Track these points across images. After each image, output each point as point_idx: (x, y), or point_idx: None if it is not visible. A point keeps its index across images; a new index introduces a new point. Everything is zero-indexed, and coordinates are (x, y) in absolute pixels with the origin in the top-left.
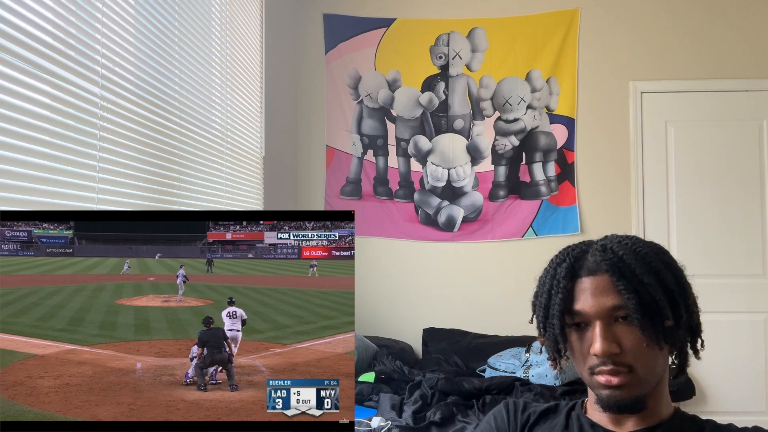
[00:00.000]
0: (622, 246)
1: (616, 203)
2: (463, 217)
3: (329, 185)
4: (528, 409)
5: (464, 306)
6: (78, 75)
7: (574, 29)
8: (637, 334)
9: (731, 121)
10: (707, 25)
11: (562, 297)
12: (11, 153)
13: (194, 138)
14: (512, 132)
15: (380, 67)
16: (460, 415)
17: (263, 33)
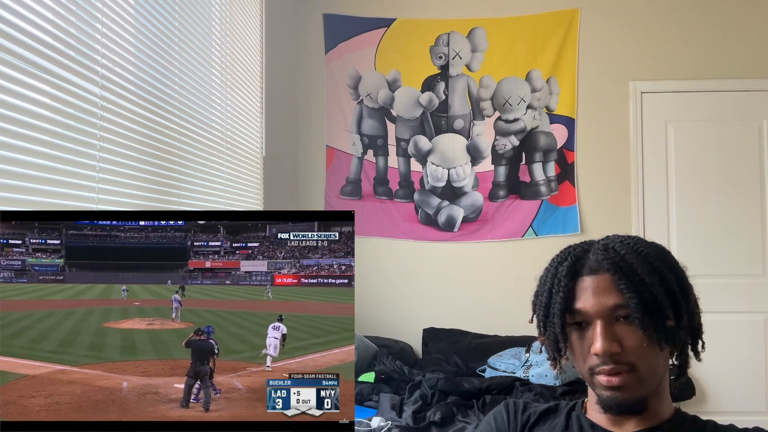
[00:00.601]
0: (624, 245)
1: (616, 203)
2: (463, 217)
3: (329, 185)
4: (528, 410)
5: (464, 306)
6: (78, 75)
7: (574, 29)
8: (638, 334)
9: (731, 121)
10: (707, 25)
11: (563, 296)
12: (11, 153)
13: (194, 138)
14: (512, 132)
15: (380, 67)
16: (460, 415)
17: (263, 33)
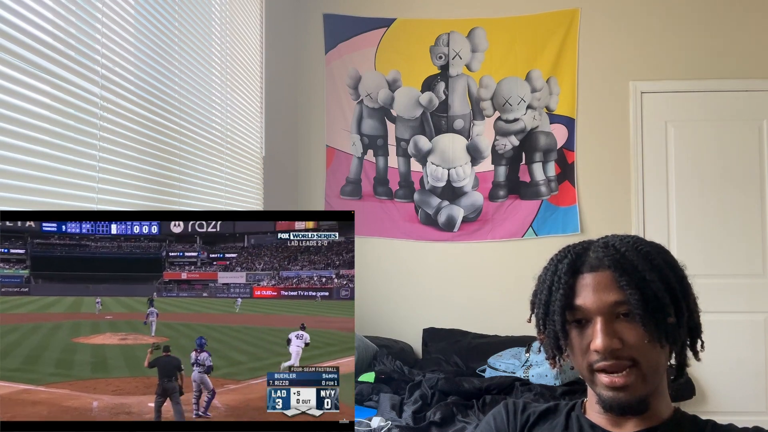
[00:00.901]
0: (624, 243)
1: (616, 203)
2: (463, 217)
3: (329, 185)
4: (528, 410)
5: (464, 306)
6: (78, 75)
7: (574, 29)
8: (639, 331)
9: (731, 121)
10: (707, 25)
11: (563, 293)
12: (11, 153)
13: (194, 138)
14: (512, 132)
15: (380, 67)
16: (460, 415)
17: (263, 33)
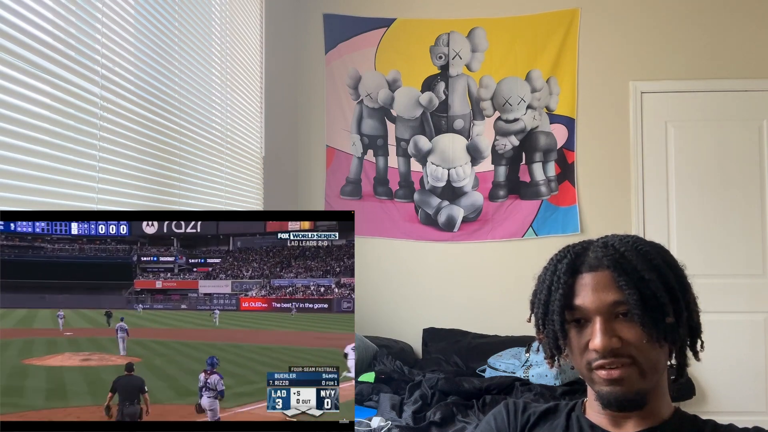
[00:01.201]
0: (624, 243)
1: (616, 203)
2: (463, 217)
3: (329, 185)
4: (528, 410)
5: (464, 306)
6: (78, 75)
7: (574, 29)
8: (638, 330)
9: (731, 121)
10: (707, 25)
11: (562, 292)
12: (11, 153)
13: (194, 138)
14: (512, 132)
15: (380, 67)
16: (460, 415)
17: (263, 33)
